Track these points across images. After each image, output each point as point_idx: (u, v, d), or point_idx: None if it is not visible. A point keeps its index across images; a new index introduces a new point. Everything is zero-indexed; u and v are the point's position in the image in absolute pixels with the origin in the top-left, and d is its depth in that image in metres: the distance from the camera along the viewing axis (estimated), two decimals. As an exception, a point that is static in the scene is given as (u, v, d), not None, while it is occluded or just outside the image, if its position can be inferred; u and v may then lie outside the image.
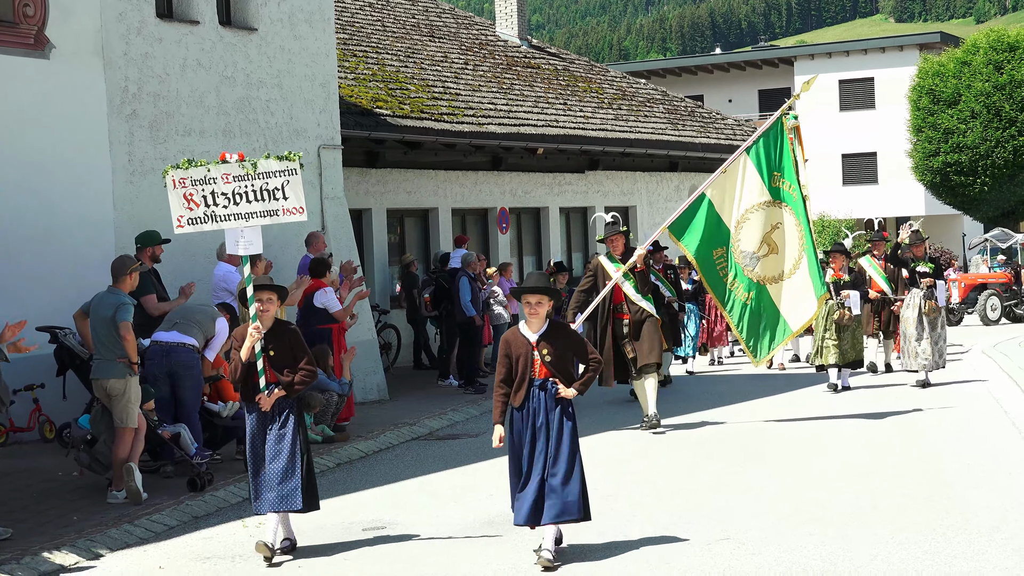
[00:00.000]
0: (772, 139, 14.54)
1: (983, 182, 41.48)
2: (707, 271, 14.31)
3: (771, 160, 14.43)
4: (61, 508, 10.32)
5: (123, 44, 14.81)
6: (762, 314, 14.32)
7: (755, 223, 14.30)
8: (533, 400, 8.46)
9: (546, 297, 8.47)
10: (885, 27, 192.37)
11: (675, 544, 8.63)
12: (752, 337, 14.37)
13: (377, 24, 25.42)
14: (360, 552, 8.85)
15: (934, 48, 52.28)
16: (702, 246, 14.18)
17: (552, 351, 8.42)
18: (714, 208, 14.26)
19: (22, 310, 12.93)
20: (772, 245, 14.31)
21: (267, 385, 8.95)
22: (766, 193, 14.31)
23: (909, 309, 17.31)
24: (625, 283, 14.01)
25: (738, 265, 14.26)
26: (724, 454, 12.35)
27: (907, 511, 9.32)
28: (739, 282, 14.24)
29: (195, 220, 9.81)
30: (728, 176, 14.37)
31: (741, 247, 14.27)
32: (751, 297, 14.25)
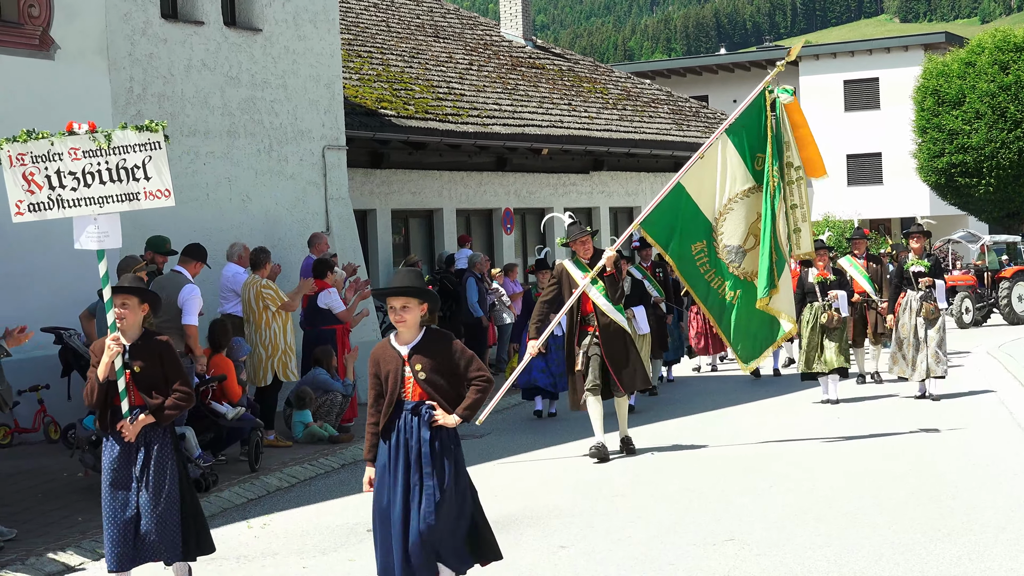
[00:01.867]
0: (754, 117, 13.06)
1: (988, 183, 41.41)
2: (684, 267, 12.92)
3: (753, 140, 12.98)
4: (66, 509, 10.33)
5: (128, 45, 14.82)
6: (751, 315, 12.95)
7: (739, 214, 12.91)
8: (404, 429, 6.87)
9: (415, 300, 6.86)
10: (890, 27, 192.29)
11: (680, 545, 8.61)
12: (741, 340, 13.05)
13: (382, 24, 25.43)
14: (364, 553, 8.84)
15: (939, 48, 52.23)
16: (678, 241, 12.84)
17: (428, 366, 6.84)
18: (691, 199, 12.86)
19: (24, 310, 12.95)
20: (755, 237, 12.95)
21: (131, 409, 7.44)
22: (750, 179, 12.93)
23: (906, 314, 15.67)
24: (593, 291, 12.38)
25: (721, 261, 12.88)
26: (728, 455, 12.34)
27: (912, 511, 9.30)
28: (723, 280, 12.90)
29: (37, 206, 8.07)
30: (706, 162, 12.93)
31: (724, 241, 12.88)
32: (737, 296, 12.90)
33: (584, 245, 12.53)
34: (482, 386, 6.91)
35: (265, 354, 13.35)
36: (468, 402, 6.89)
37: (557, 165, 25.86)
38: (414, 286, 6.88)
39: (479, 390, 6.90)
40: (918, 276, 15.55)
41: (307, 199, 17.16)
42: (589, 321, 12.45)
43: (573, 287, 12.38)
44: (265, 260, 13.66)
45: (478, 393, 6.92)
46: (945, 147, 42.00)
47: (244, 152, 16.28)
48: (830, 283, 15.94)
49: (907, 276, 15.59)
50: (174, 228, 14.67)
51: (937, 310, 15.56)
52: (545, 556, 8.48)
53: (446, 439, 6.89)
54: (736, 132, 12.99)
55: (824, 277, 15.99)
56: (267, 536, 9.55)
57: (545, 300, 12.57)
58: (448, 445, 6.90)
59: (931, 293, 15.55)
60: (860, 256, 17.90)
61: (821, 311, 15.77)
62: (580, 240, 12.53)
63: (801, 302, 15.75)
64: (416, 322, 6.89)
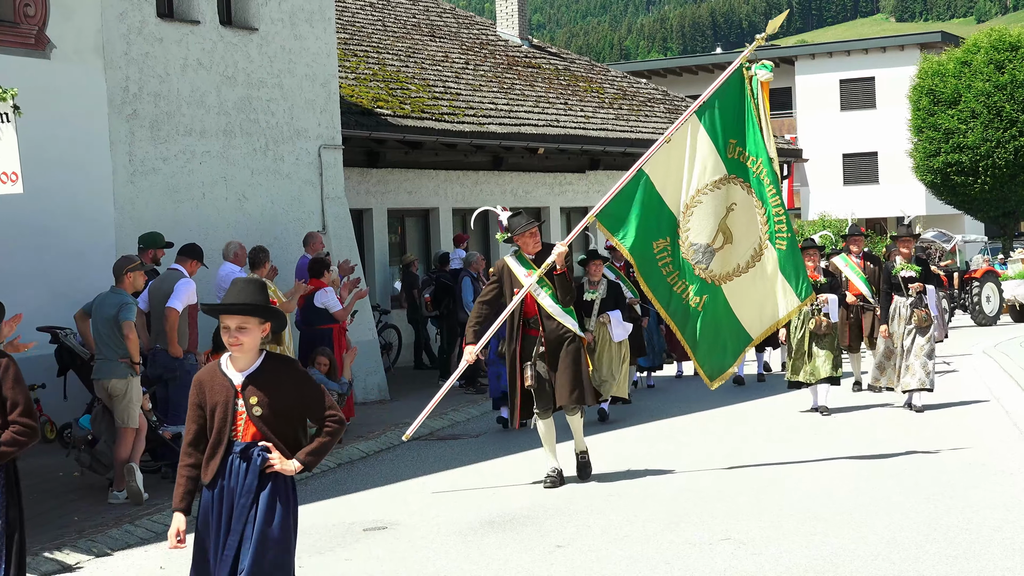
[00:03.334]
0: (730, 97, 11.56)
1: (984, 182, 41.47)
2: (645, 268, 11.37)
3: (727, 124, 11.51)
4: (62, 508, 10.32)
5: (124, 44, 14.81)
6: (719, 324, 11.52)
7: (708, 207, 11.41)
8: (232, 475, 5.69)
9: (255, 320, 5.69)
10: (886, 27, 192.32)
11: (676, 543, 8.62)
12: (707, 353, 11.54)
13: (378, 24, 25.42)
14: (361, 552, 8.84)
15: (935, 48, 52.28)
16: (639, 237, 11.28)
17: (266, 401, 5.66)
18: (655, 189, 11.34)
19: (21, 310, 12.88)
20: (727, 234, 11.46)
21: None
22: (722, 167, 11.44)
23: (895, 322, 14.55)
24: (540, 292, 10.86)
25: (686, 262, 11.39)
26: (724, 454, 12.33)
27: (909, 510, 9.31)
28: (687, 284, 11.39)
29: None
30: (673, 147, 11.40)
31: (691, 239, 11.38)
32: (703, 303, 11.41)
33: (532, 239, 11.03)
34: (333, 428, 5.79)
35: (264, 353, 13.31)
36: (315, 446, 5.74)
37: (553, 164, 25.86)
38: (254, 303, 5.69)
39: (329, 432, 5.77)
40: (907, 281, 14.49)
41: (303, 198, 17.15)
42: (533, 325, 10.98)
43: (516, 287, 10.90)
44: (264, 259, 13.65)
45: (328, 436, 5.78)
46: (941, 146, 42.06)
47: (240, 151, 16.27)
48: (820, 286, 14.68)
49: (895, 281, 14.53)
50: (171, 227, 14.68)
51: (929, 318, 14.51)
52: (541, 555, 8.48)
53: (281, 488, 5.71)
54: (708, 113, 11.51)
55: (813, 279, 14.38)
56: (263, 535, 9.53)
57: (484, 301, 11.03)
58: (283, 494, 5.72)
59: (922, 299, 14.53)
60: (857, 255, 16.67)
61: (810, 316, 14.69)
62: (527, 233, 11.00)
63: None
64: (254, 346, 5.70)
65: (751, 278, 11.54)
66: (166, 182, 15.30)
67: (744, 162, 11.49)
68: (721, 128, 11.47)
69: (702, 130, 11.45)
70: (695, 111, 11.47)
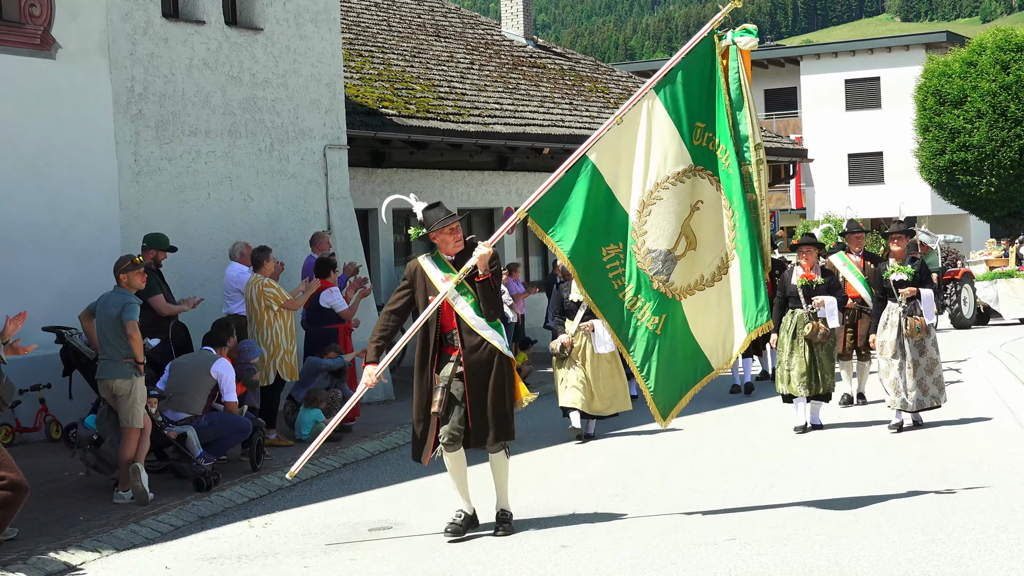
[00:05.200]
0: (697, 70, 9.47)
1: (989, 182, 41.45)
2: (591, 279, 9.37)
3: (693, 104, 9.42)
4: (67, 508, 10.33)
5: (129, 44, 14.82)
6: (675, 348, 9.52)
7: (670, 206, 9.34)
8: None
9: None
10: (891, 26, 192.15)
11: (681, 544, 8.61)
12: (661, 385, 9.52)
13: (383, 24, 25.43)
14: (366, 552, 8.85)
15: (940, 48, 52.27)
16: (583, 240, 9.28)
17: None
18: (603, 181, 9.32)
19: (27, 309, 12.90)
20: (691, 238, 9.46)
21: None
22: (686, 156, 9.36)
23: (886, 330, 12.97)
24: (460, 301, 9.00)
25: (642, 273, 9.35)
26: (728, 454, 12.33)
27: (913, 511, 9.30)
28: (644, 300, 9.36)
29: None
30: (626, 130, 9.37)
31: (648, 244, 9.34)
32: (662, 323, 9.36)
33: (451, 237, 9.11)
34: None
35: (267, 354, 13.34)
36: None
37: (559, 164, 25.72)
38: None
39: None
40: (899, 285, 12.92)
41: (308, 198, 17.16)
42: (450, 341, 9.11)
43: (431, 294, 9.07)
44: (263, 259, 13.65)
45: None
46: (946, 146, 42.04)
47: (245, 151, 16.28)
48: (816, 287, 13.23)
49: (887, 285, 13.03)
50: (176, 228, 14.70)
51: (924, 327, 12.89)
52: (547, 555, 8.48)
53: None
54: (669, 89, 9.41)
55: (810, 279, 13.25)
56: (268, 535, 9.55)
57: (391, 310, 9.20)
58: None
59: (916, 306, 12.94)
60: (856, 254, 15.18)
61: (804, 320, 13.19)
62: (446, 230, 9.08)
63: (781, 308, 13.40)
64: None
65: (716, 294, 9.52)
66: (171, 182, 15.31)
67: (714, 151, 9.41)
68: (686, 108, 9.37)
69: (661, 109, 9.34)
70: (653, 86, 9.37)
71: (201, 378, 11.60)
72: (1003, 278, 29.11)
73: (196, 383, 11.59)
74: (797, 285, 13.32)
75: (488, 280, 8.96)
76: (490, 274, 8.98)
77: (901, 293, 12.87)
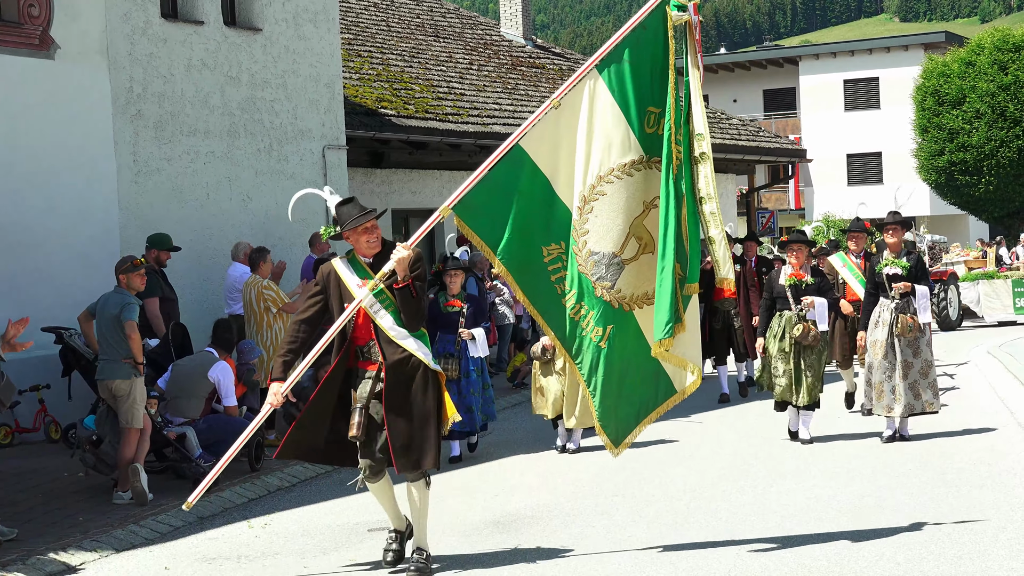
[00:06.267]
0: (647, 49, 8.23)
1: (988, 182, 41.50)
2: (529, 283, 8.26)
3: (643, 85, 8.23)
4: (67, 509, 10.33)
5: (128, 44, 14.82)
6: (628, 365, 8.37)
7: (615, 202, 8.21)
8: None
9: None
10: (890, 27, 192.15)
11: (681, 544, 8.61)
12: (611, 408, 8.43)
13: (382, 24, 25.43)
14: (365, 553, 8.84)
15: (939, 48, 52.31)
16: (517, 239, 8.16)
17: None
18: (539, 172, 8.19)
19: (26, 310, 12.93)
20: (645, 240, 8.29)
21: None
22: (635, 146, 8.21)
23: (878, 328, 12.25)
24: (378, 309, 7.96)
25: (584, 278, 8.21)
26: (727, 454, 12.33)
27: (912, 510, 9.30)
28: (586, 308, 8.24)
29: None
30: (564, 115, 8.20)
31: (590, 245, 8.21)
32: (607, 335, 8.23)
33: (367, 237, 8.10)
34: None
35: (267, 355, 13.34)
36: None
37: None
38: None
39: None
40: (892, 280, 12.18)
41: (308, 198, 17.12)
42: (368, 355, 8.06)
43: (347, 301, 8.03)
44: (259, 259, 13.65)
45: None
46: (945, 146, 42.07)
47: (244, 152, 16.28)
48: (806, 287, 12.49)
49: (879, 280, 12.31)
50: (175, 227, 14.68)
51: (917, 326, 12.13)
52: (547, 555, 8.47)
53: None
54: (614, 69, 8.21)
55: (799, 279, 12.51)
56: (268, 536, 9.55)
57: (301, 319, 8.15)
58: None
59: (909, 303, 12.22)
60: (856, 254, 14.29)
61: (793, 322, 12.46)
62: (361, 229, 8.09)
63: (768, 310, 12.70)
64: None
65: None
66: (170, 182, 15.31)
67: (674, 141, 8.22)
68: (635, 91, 8.21)
69: (605, 91, 8.20)
70: (595, 64, 8.19)
71: (198, 382, 11.59)
72: (985, 279, 28.95)
73: (193, 387, 11.58)
74: (785, 285, 12.53)
75: (408, 287, 7.88)
76: (410, 280, 7.89)
77: (894, 288, 12.14)
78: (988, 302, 28.68)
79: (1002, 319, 28.54)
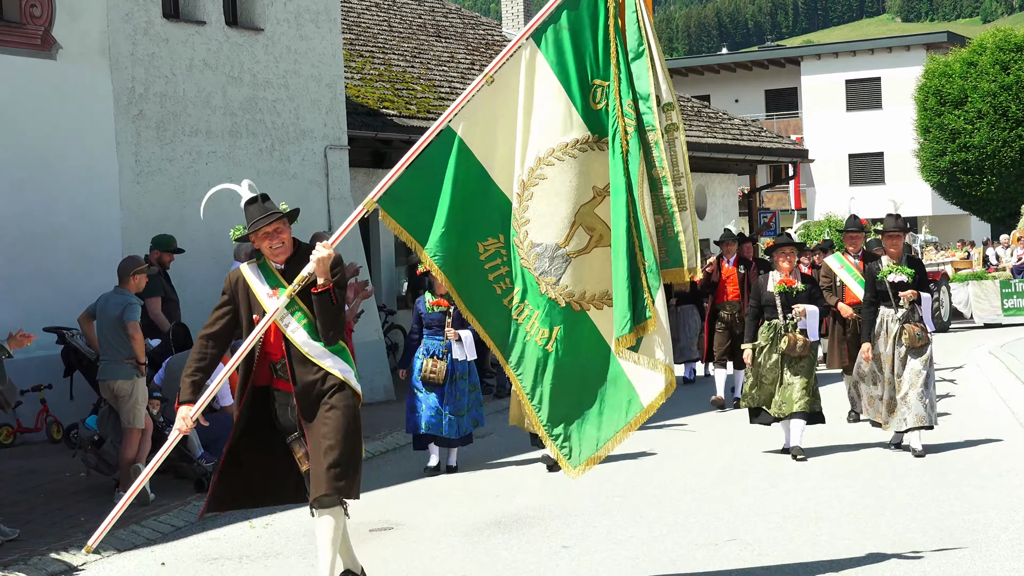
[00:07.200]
0: (588, 12, 7.22)
1: (990, 182, 41.50)
2: (464, 283, 7.29)
3: (587, 56, 7.22)
4: (68, 509, 10.33)
5: (130, 44, 14.82)
6: (586, 372, 7.31)
7: (557, 186, 7.21)
8: None
9: None
10: (892, 27, 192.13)
11: (682, 545, 8.61)
12: (561, 421, 7.30)
13: (383, 24, 25.43)
14: (368, 553, 8.84)
15: (941, 48, 52.29)
16: (451, 234, 7.21)
17: None
18: (473, 157, 7.25)
19: (28, 310, 12.97)
20: (598, 229, 7.25)
21: None
22: (580, 124, 7.20)
23: (880, 340, 11.60)
24: (291, 322, 7.04)
25: (527, 273, 7.25)
26: (728, 455, 12.33)
27: (914, 511, 9.30)
28: (530, 307, 7.25)
29: None
30: (498, 91, 7.24)
31: (532, 236, 7.24)
32: (554, 338, 7.21)
33: (272, 241, 7.15)
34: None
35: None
36: None
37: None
38: None
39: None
40: (896, 288, 11.55)
41: (309, 199, 17.15)
42: (282, 374, 7.15)
43: (257, 312, 7.11)
44: (260, 259, 13.65)
45: None
46: (947, 146, 42.07)
47: (246, 152, 16.28)
48: (797, 294, 11.73)
49: (882, 288, 11.67)
50: (177, 228, 14.68)
51: (924, 335, 11.55)
52: (547, 556, 8.48)
53: None
54: (552, 35, 7.22)
55: (789, 286, 11.73)
56: (270, 536, 9.55)
57: (208, 334, 7.21)
58: None
59: (915, 312, 11.61)
60: (854, 255, 13.60)
61: (782, 332, 11.71)
62: (263, 232, 7.15)
63: (755, 318, 11.96)
64: None
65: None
66: (172, 183, 15.31)
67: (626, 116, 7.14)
68: (575, 61, 7.21)
69: (543, 62, 7.20)
70: (531, 33, 7.22)
71: None
72: (974, 280, 28.82)
73: None
74: (774, 292, 11.75)
75: (328, 292, 6.93)
76: (331, 284, 6.96)
77: (902, 297, 11.48)
78: (977, 303, 28.44)
79: (989, 321, 28.19)
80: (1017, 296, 28.27)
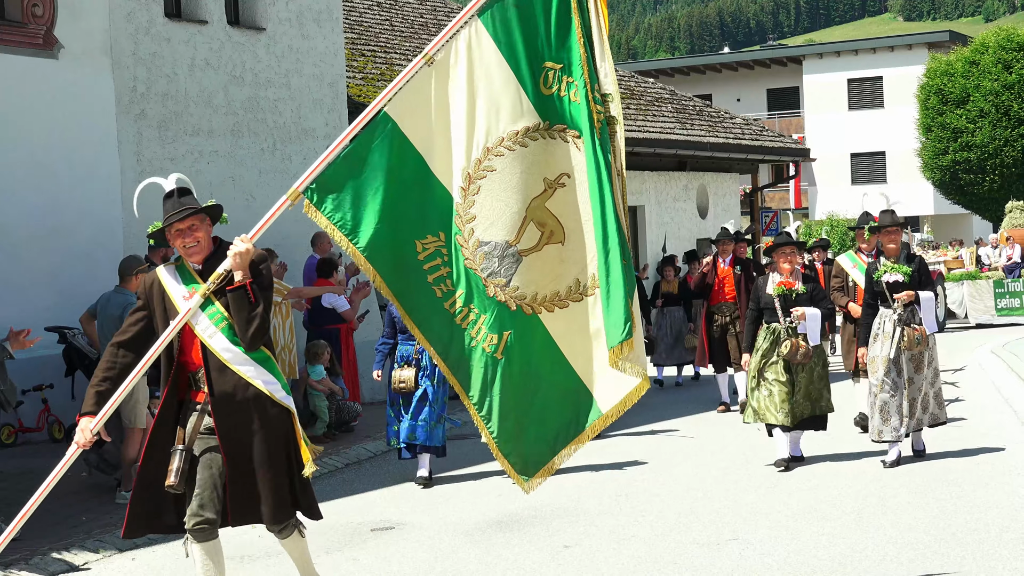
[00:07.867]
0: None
1: (992, 180, 41.49)
2: (402, 286, 6.53)
3: (537, 36, 6.44)
4: (70, 508, 10.33)
5: (132, 44, 14.83)
6: (539, 380, 6.59)
7: (506, 179, 6.45)
8: None
9: None
10: (894, 26, 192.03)
11: (684, 544, 8.61)
12: (512, 434, 6.66)
13: (385, 23, 25.43)
14: (369, 552, 8.85)
15: (943, 47, 52.25)
16: (385, 231, 6.45)
17: None
18: (411, 147, 6.49)
19: (29, 310, 12.97)
20: (549, 225, 6.51)
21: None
22: (530, 110, 6.43)
23: (878, 343, 11.02)
24: (207, 325, 6.48)
25: (472, 274, 6.50)
26: (729, 453, 12.32)
27: (916, 511, 9.29)
28: (476, 311, 6.52)
29: None
30: (438, 73, 6.46)
31: (479, 233, 6.47)
32: (503, 344, 6.50)
33: (180, 240, 6.62)
34: None
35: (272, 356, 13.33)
36: None
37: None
38: None
39: None
40: (893, 288, 10.98)
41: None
42: (198, 384, 6.59)
43: (172, 316, 6.49)
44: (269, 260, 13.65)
45: None
46: (949, 145, 42.06)
47: (248, 151, 16.28)
48: (797, 296, 11.22)
49: (878, 289, 11.10)
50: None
51: (924, 339, 10.98)
52: (549, 555, 8.47)
53: None
54: (499, 13, 6.45)
55: (789, 288, 11.22)
56: (271, 536, 9.53)
57: (119, 342, 6.64)
58: None
59: (914, 313, 11.05)
60: (868, 253, 12.88)
61: (783, 336, 11.19)
62: (175, 229, 6.62)
63: (754, 322, 11.51)
64: None
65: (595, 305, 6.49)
66: (174, 182, 15.29)
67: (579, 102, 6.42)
68: (524, 41, 6.45)
69: (489, 42, 6.46)
70: (475, 10, 6.46)
71: None
72: (968, 279, 28.74)
73: None
74: (773, 294, 11.27)
75: (243, 288, 6.35)
76: (249, 280, 6.39)
77: (896, 298, 10.93)
78: (972, 303, 28.34)
79: (982, 321, 27.96)
80: (1010, 296, 28.20)
